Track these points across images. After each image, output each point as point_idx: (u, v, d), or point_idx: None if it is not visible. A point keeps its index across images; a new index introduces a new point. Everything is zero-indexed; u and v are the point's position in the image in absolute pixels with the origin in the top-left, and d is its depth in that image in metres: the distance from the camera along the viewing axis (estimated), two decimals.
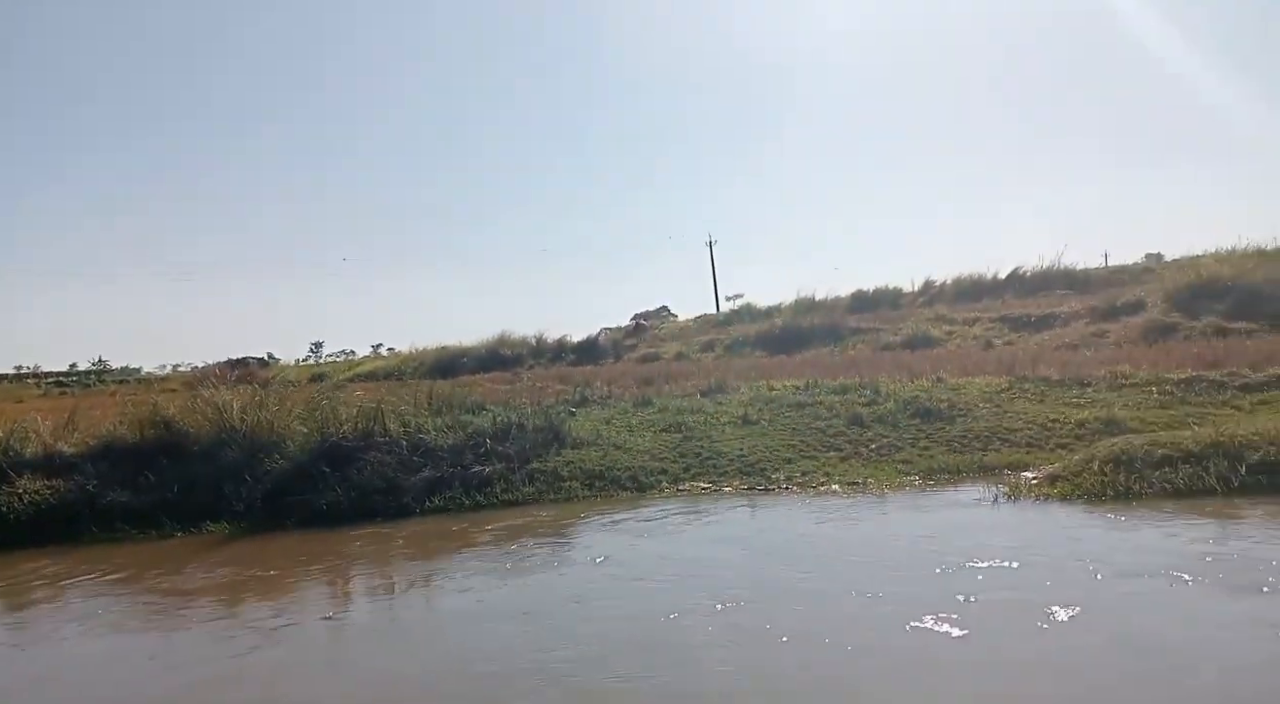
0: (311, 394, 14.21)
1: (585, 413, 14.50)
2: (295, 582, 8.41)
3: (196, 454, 11.71)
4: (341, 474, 11.21)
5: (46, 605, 8.11)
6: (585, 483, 11.28)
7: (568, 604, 6.86)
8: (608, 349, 35.08)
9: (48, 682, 6.10)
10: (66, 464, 11.60)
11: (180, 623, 7.22)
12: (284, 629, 6.80)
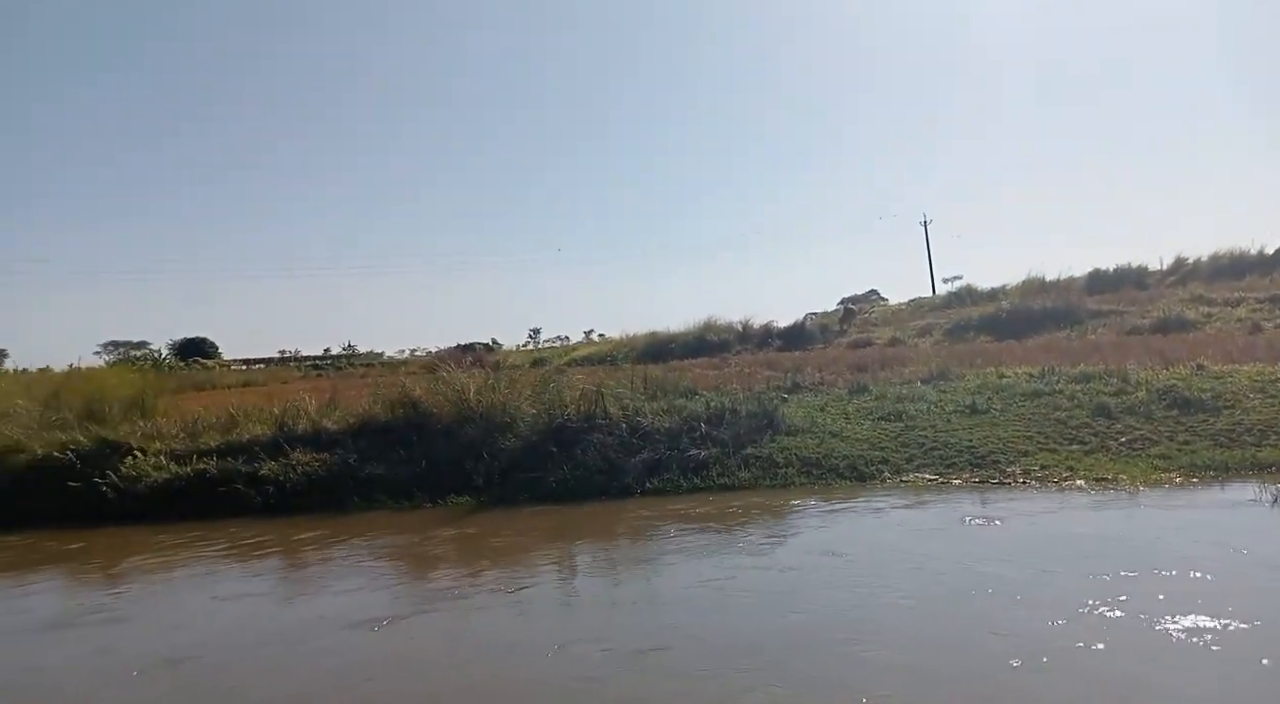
0: (537, 378, 14.99)
1: (798, 399, 14.32)
2: (532, 553, 8.93)
3: (439, 432, 12.70)
4: (567, 454, 11.77)
5: (317, 566, 9.11)
6: (802, 470, 11.15)
7: (782, 590, 6.82)
8: (815, 334, 34.42)
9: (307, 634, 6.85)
10: (331, 439, 12.95)
11: (428, 586, 7.87)
12: (524, 595, 7.23)
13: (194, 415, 14.55)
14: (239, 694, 5.57)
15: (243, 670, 6.01)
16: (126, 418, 14.68)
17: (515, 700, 5.20)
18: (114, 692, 5.80)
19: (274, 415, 13.70)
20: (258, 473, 12.02)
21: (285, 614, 7.42)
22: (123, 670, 6.20)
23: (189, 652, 6.49)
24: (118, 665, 6.35)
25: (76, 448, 12.83)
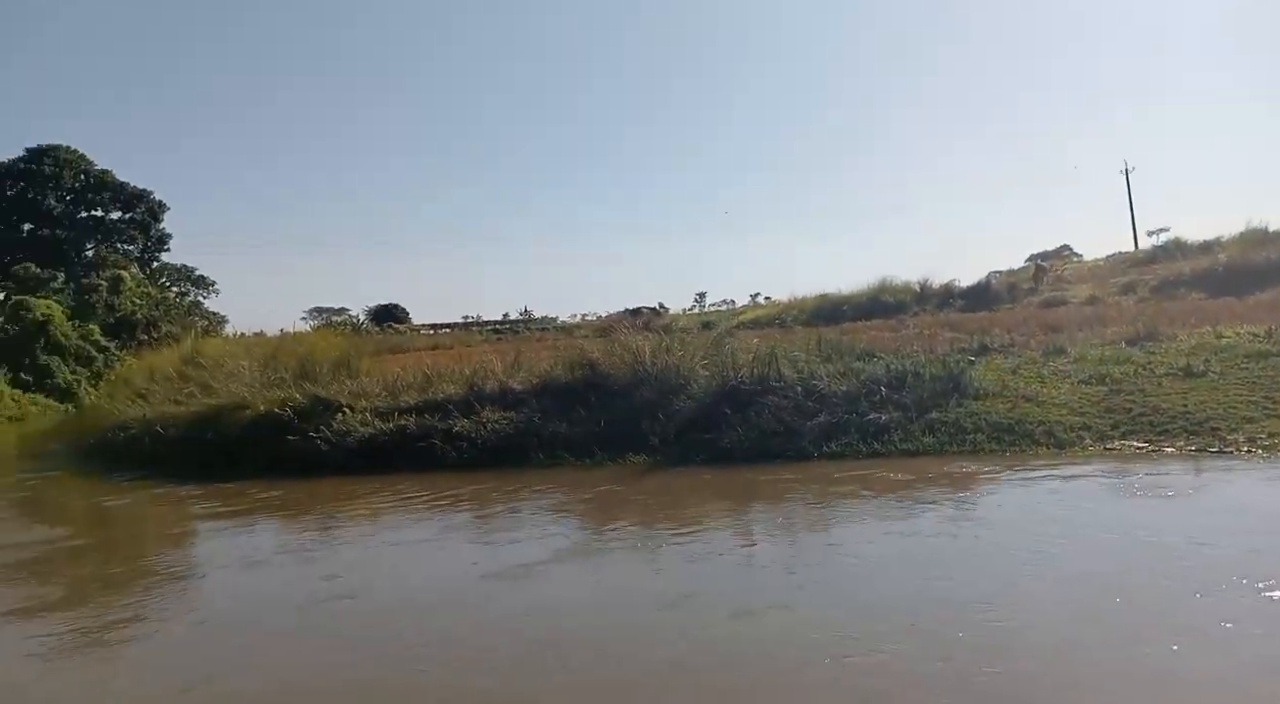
0: (709, 340, 15.03)
1: (986, 362, 13.58)
2: (706, 512, 9.03)
3: (616, 392, 13.02)
4: (742, 416, 11.75)
5: (504, 517, 9.61)
6: (992, 436, 10.58)
7: (971, 559, 6.52)
8: (1001, 293, 32.48)
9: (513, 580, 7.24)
10: (517, 399, 13.57)
11: (606, 543, 8.13)
12: (697, 552, 7.33)
13: (393, 376, 15.65)
14: (392, 630, 6.00)
15: (403, 610, 6.48)
16: (335, 377, 16.02)
17: (628, 648, 5.36)
18: (275, 618, 6.58)
19: (465, 376, 14.52)
20: (452, 429, 12.80)
21: (460, 559, 7.89)
22: (287, 602, 7.00)
23: (357, 590, 7.13)
24: (286, 598, 7.12)
25: (293, 405, 14.14)
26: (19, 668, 5.96)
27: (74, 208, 50.03)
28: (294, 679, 5.38)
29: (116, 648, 6.27)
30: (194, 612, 7.10)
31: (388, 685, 5.10)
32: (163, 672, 5.67)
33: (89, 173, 50.31)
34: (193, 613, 7.05)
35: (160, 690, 5.33)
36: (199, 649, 6.07)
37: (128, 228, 52.17)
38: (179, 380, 18.65)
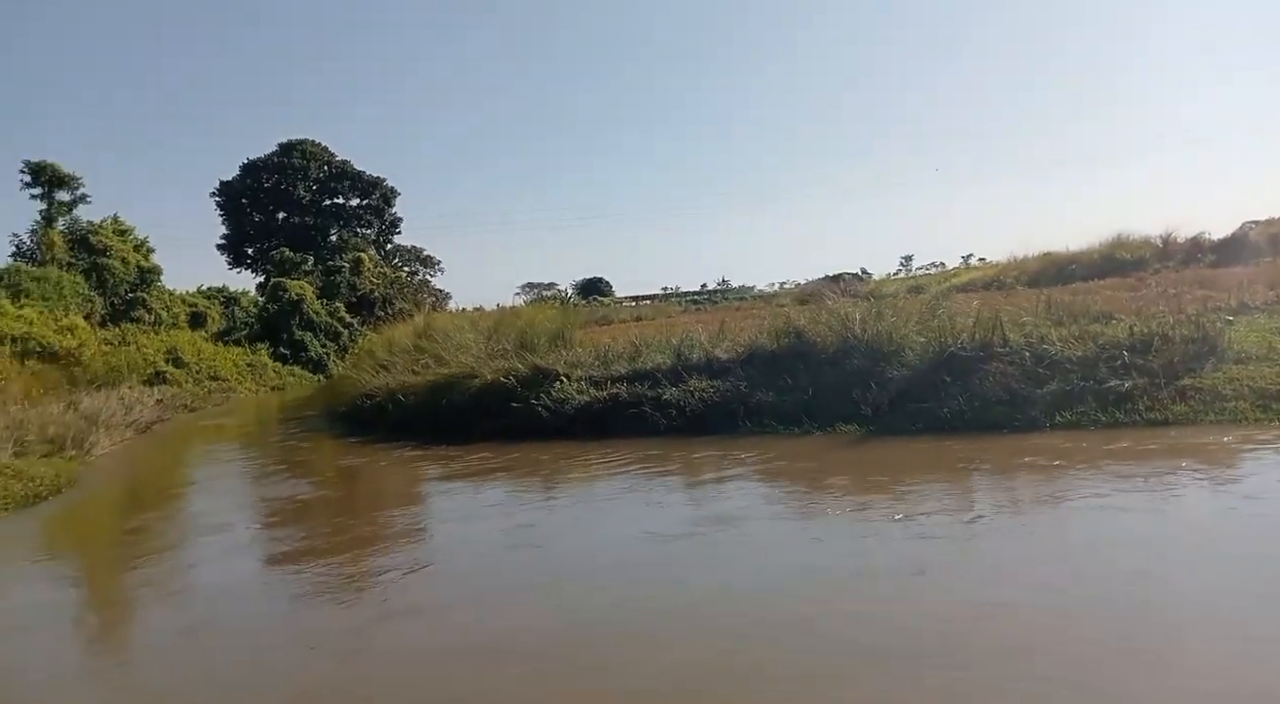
0: (923, 305, 14.40)
1: (1248, 322, 12.14)
2: (924, 484, 8.72)
3: (824, 361, 12.81)
4: (961, 383, 11.21)
5: (712, 483, 9.75)
6: (1257, 404, 9.48)
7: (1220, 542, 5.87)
8: (1260, 247, 28.63)
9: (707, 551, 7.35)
10: (722, 367, 13.68)
11: (821, 512, 8.04)
12: (921, 527, 7.10)
13: (604, 346, 16.25)
14: (565, 572, 6.25)
15: (620, 564, 6.74)
16: (551, 348, 16.85)
17: (746, 621, 5.34)
18: (468, 559, 7.23)
19: (672, 346, 14.81)
20: (661, 397, 13.13)
21: (672, 516, 8.09)
22: (491, 550, 7.78)
23: (544, 541, 7.72)
24: (489, 545, 7.85)
25: (516, 374, 15.04)
26: (288, 606, 6.84)
27: (319, 197, 55.58)
28: (516, 622, 5.81)
29: (366, 591, 7.02)
30: (430, 562, 7.80)
31: (601, 629, 5.40)
32: (402, 614, 6.29)
33: (331, 164, 55.63)
34: (430, 564, 7.75)
35: (402, 629, 5.92)
36: (433, 592, 6.70)
37: (365, 213, 57.26)
38: (414, 352, 20.31)
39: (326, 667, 5.43)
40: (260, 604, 7.03)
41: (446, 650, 5.47)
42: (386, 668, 5.25)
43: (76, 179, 33.58)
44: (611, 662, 5.06)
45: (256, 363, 36.59)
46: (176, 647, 6.08)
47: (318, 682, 5.19)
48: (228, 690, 5.20)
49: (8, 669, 5.84)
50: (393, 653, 5.51)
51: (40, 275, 29.04)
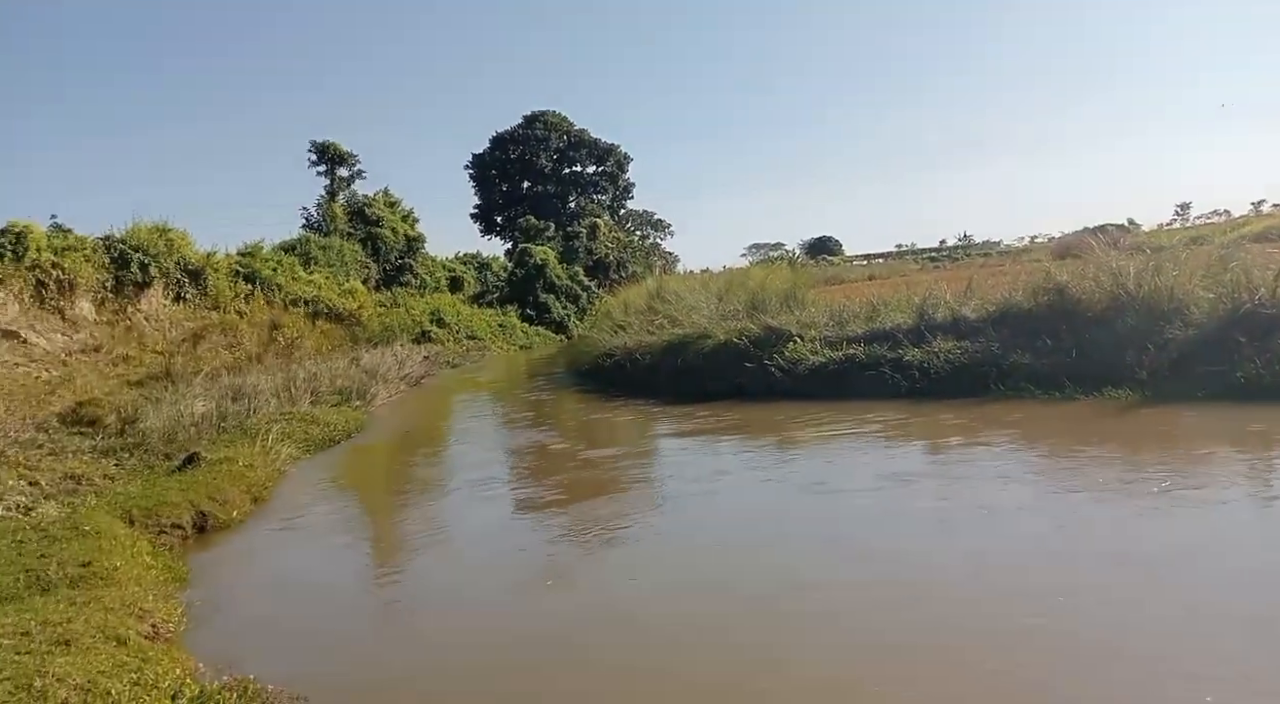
0: (1211, 257, 12.66)
1: None
2: (1214, 456, 7.73)
3: (1090, 320, 11.65)
4: (1261, 345, 9.78)
5: (959, 450, 9.20)
6: None
7: None
8: None
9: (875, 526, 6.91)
10: (970, 328, 12.86)
11: (1080, 484, 7.34)
12: (1205, 501, 6.29)
13: (838, 306, 15.81)
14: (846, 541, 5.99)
15: (855, 529, 6.45)
16: (783, 309, 16.66)
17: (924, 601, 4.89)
18: (704, 511, 6.86)
19: (913, 304, 14.12)
20: (901, 358, 12.58)
21: (914, 489, 7.71)
22: (729, 502, 7.82)
23: (782, 508, 7.53)
24: (727, 498, 7.64)
25: (749, 335, 15.03)
26: (552, 551, 7.29)
27: (559, 166, 58.35)
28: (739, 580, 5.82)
29: (611, 541, 7.33)
30: (675, 515, 8.01)
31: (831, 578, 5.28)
32: (649, 566, 6.50)
33: (570, 133, 58.11)
34: (674, 516, 7.96)
35: (651, 581, 6.13)
36: (678, 549, 6.86)
37: (600, 180, 59.44)
38: (649, 313, 20.90)
39: (563, 604, 5.76)
40: (509, 541, 7.59)
41: (684, 584, 5.62)
42: (624, 607, 5.47)
43: (354, 156, 37.48)
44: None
45: (506, 323, 39.30)
46: (434, 569, 6.74)
47: (553, 615, 5.52)
48: (478, 615, 5.67)
49: (302, 553, 6.74)
50: (642, 589, 5.74)
51: (326, 244, 32.80)
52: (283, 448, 11.72)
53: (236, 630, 5.58)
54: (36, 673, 3.71)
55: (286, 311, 25.79)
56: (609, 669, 4.67)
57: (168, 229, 22.84)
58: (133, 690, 3.77)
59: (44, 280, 18.47)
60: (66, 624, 4.48)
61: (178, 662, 4.31)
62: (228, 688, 3.98)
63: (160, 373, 17.04)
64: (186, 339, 20.81)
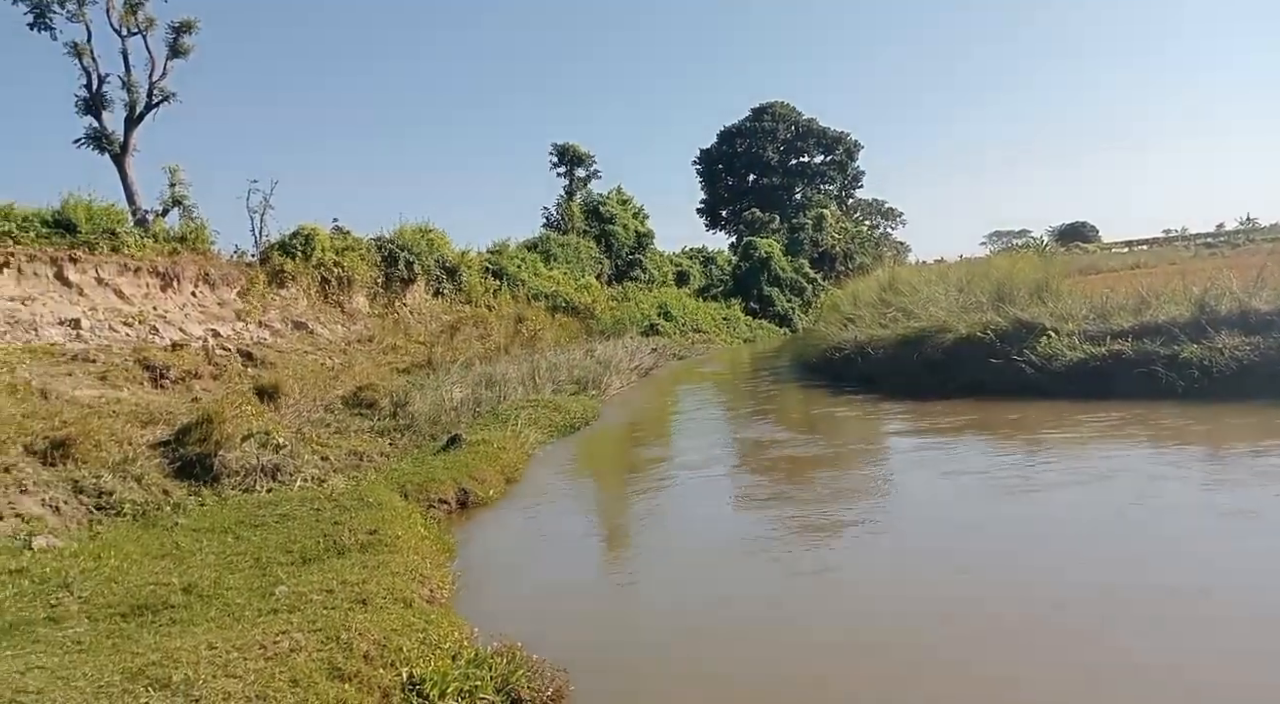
0: None
1: None
2: None
3: None
4: None
5: (1245, 459, 8.08)
6: None
7: None
8: None
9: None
10: (1263, 321, 11.30)
11: None
12: None
13: (1099, 297, 14.43)
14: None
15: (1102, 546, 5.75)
16: (1033, 301, 15.45)
17: None
18: (941, 519, 6.27)
19: (1191, 295, 12.61)
20: (1177, 356, 11.29)
21: (1190, 500, 6.81)
22: (966, 513, 7.17)
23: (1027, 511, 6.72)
24: (968, 507, 7.07)
25: (995, 328, 14.09)
26: (752, 541, 7.22)
27: (786, 157, 57.78)
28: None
29: (841, 541, 7.14)
30: (906, 517, 7.67)
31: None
32: (883, 570, 6.26)
33: (798, 123, 57.38)
34: (905, 519, 7.62)
35: (860, 577, 5.89)
36: (913, 554, 6.55)
37: (828, 170, 58.21)
38: (880, 306, 20.19)
39: (784, 610, 5.68)
40: (726, 533, 7.62)
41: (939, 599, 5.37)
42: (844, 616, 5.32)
43: (590, 157, 39.25)
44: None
45: (730, 316, 39.56)
46: (667, 552, 6.90)
47: (768, 615, 5.46)
48: (710, 599, 5.73)
49: (551, 532, 7.15)
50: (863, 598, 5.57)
51: (564, 242, 34.61)
52: (530, 432, 12.52)
53: (497, 599, 6.03)
54: (342, 626, 4.23)
55: (529, 305, 27.51)
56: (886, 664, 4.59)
57: (429, 230, 25.14)
58: (420, 649, 4.19)
59: (327, 278, 20.94)
60: (361, 585, 5.07)
61: (455, 625, 4.73)
62: (498, 654, 4.31)
63: (423, 361, 18.74)
64: (444, 331, 22.71)
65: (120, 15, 19.88)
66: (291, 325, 19.22)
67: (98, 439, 8.31)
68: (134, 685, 3.54)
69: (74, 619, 4.80)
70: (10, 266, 14.04)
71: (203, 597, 5.07)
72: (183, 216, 19.27)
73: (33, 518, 6.93)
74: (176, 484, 8.34)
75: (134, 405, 10.37)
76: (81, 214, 15.67)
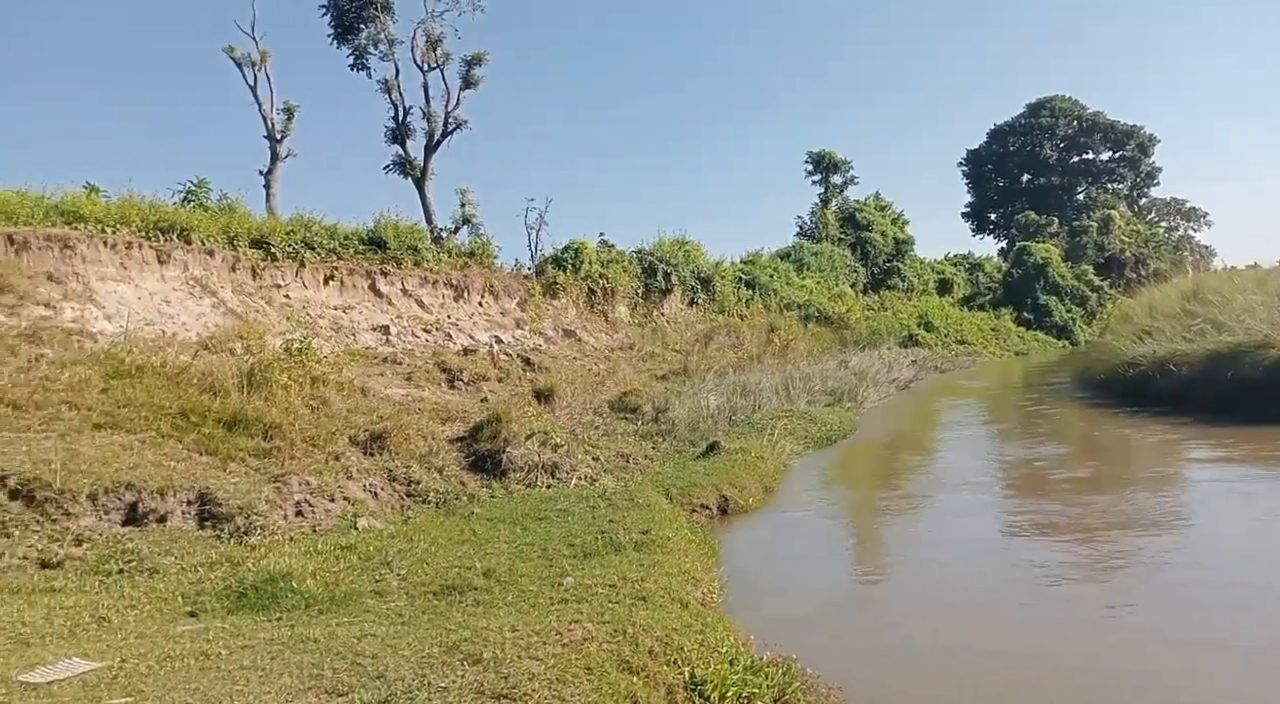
0: None
1: None
2: None
3: None
4: None
5: None
6: None
7: None
8: None
9: None
10: None
11: None
12: None
13: None
14: None
15: None
16: None
17: None
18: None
19: None
20: None
21: None
22: None
23: None
24: None
25: None
26: (1019, 574, 6.60)
27: (1066, 154, 53.00)
28: None
29: (1132, 576, 6.37)
30: (1215, 554, 6.75)
31: None
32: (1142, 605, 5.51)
33: (1081, 118, 52.45)
34: (1214, 556, 6.71)
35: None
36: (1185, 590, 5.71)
37: (1116, 166, 52.67)
38: (1183, 317, 17.94)
39: (1050, 649, 5.14)
40: (996, 560, 7.07)
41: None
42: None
43: (847, 163, 38.49)
44: None
45: (1000, 327, 36.99)
46: (928, 575, 6.54)
47: (1037, 660, 4.96)
48: (979, 626, 5.35)
49: (811, 544, 7.04)
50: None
51: (817, 250, 34.14)
52: (786, 443, 12.47)
53: (762, 608, 6.05)
54: (627, 621, 4.45)
55: (782, 315, 27.43)
56: None
57: (685, 241, 25.87)
58: (699, 650, 4.31)
59: (593, 288, 22.19)
60: (640, 582, 5.31)
61: (729, 630, 4.82)
62: (774, 664, 4.33)
63: (679, 369, 19.30)
64: (698, 339, 23.25)
65: (423, 52, 22.41)
66: (562, 333, 20.57)
67: (407, 433, 9.38)
68: (450, 659, 3.94)
69: (394, 594, 5.44)
70: (335, 279, 16.28)
71: (500, 581, 5.56)
72: (471, 233, 21.32)
73: (357, 501, 7.95)
74: (471, 476, 9.21)
75: (434, 404, 11.59)
76: (390, 232, 17.81)
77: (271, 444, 8.32)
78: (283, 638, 4.37)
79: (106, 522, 6.38)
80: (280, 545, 6.42)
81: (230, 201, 16.40)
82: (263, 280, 14.65)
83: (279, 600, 5.18)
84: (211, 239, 13.73)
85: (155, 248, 12.77)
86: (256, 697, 3.52)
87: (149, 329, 11.06)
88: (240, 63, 20.01)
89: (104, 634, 4.57)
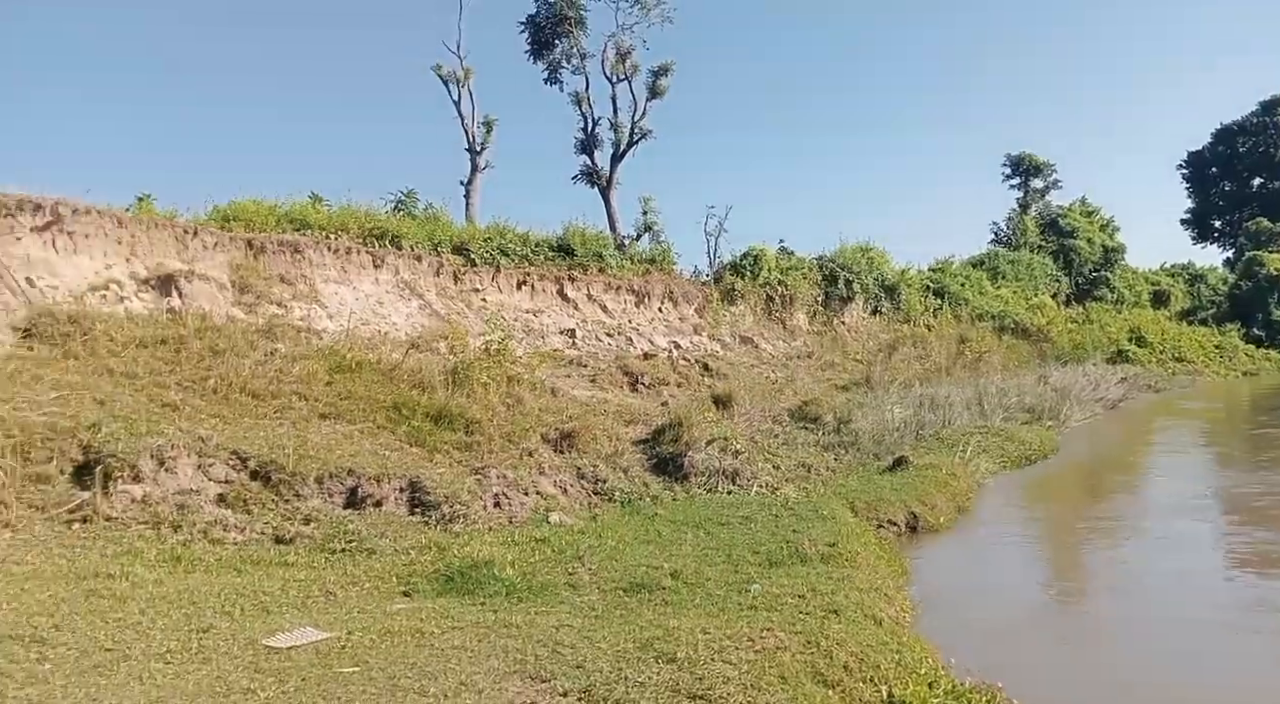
0: None
1: None
2: None
3: None
4: None
5: None
6: None
7: None
8: None
9: None
10: None
11: None
12: None
13: None
14: None
15: None
16: None
17: None
18: None
19: None
20: None
21: None
22: None
23: None
24: None
25: None
26: (1240, 616, 5.83)
27: None
28: None
29: None
30: None
31: None
32: None
33: None
34: None
35: None
36: None
37: None
38: None
39: None
40: (1213, 598, 6.36)
41: None
42: None
43: (1050, 166, 36.07)
44: None
45: (1225, 345, 33.36)
46: (1111, 612, 5.95)
47: None
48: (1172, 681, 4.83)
49: (1007, 570, 6.60)
50: None
51: (1014, 258, 32.15)
52: (980, 461, 11.81)
53: (958, 631, 5.74)
54: (820, 634, 4.36)
55: (973, 326, 26.07)
56: None
57: (869, 248, 25.13)
58: (896, 669, 4.16)
59: (771, 295, 22.00)
60: (831, 595, 5.18)
61: (926, 651, 4.62)
62: (977, 690, 4.10)
63: (861, 379, 18.74)
64: (882, 349, 22.48)
65: (612, 64, 23.10)
66: (739, 339, 20.54)
67: (594, 433, 9.67)
68: (644, 655, 4.01)
69: (587, 588, 5.61)
70: (527, 284, 17.07)
71: (687, 583, 5.60)
72: (652, 240, 21.72)
73: (549, 496, 8.27)
74: (654, 478, 9.36)
75: (618, 406, 11.89)
76: (578, 240, 18.46)
77: (472, 438, 8.83)
78: (488, 622, 4.61)
79: (330, 503, 6.99)
80: (481, 534, 6.79)
81: (435, 210, 17.62)
82: (463, 284, 15.61)
83: (482, 586, 5.47)
84: (418, 245, 14.77)
85: (370, 253, 13.91)
86: (468, 676, 3.73)
87: (365, 328, 12.03)
88: (446, 80, 21.44)
89: (331, 607, 4.99)
